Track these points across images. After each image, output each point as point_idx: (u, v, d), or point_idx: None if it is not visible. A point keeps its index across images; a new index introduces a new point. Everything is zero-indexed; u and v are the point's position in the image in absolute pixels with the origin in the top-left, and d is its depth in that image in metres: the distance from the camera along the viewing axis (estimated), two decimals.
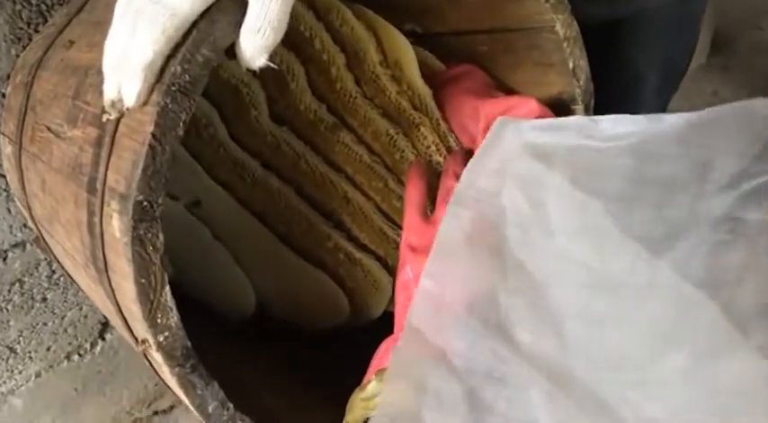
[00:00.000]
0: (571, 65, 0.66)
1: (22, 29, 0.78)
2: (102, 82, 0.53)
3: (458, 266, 0.43)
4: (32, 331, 0.94)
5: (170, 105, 0.46)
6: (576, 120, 0.47)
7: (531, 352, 0.37)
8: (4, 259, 0.88)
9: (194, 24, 0.46)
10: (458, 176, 0.61)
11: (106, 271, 0.52)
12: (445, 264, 0.44)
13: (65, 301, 0.96)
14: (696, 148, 0.38)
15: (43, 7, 0.79)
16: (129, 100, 0.47)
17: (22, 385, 0.97)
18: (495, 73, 0.74)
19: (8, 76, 0.79)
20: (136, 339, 0.54)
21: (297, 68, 0.69)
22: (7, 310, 0.90)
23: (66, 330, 0.98)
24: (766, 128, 0.37)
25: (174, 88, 0.46)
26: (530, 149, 0.43)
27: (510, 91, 0.72)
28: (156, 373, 0.57)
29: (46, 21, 0.79)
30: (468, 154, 0.68)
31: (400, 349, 0.44)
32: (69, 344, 1.00)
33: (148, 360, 0.55)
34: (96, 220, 0.51)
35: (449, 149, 0.72)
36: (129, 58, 0.46)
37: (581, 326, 0.36)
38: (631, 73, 0.86)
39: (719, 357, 0.31)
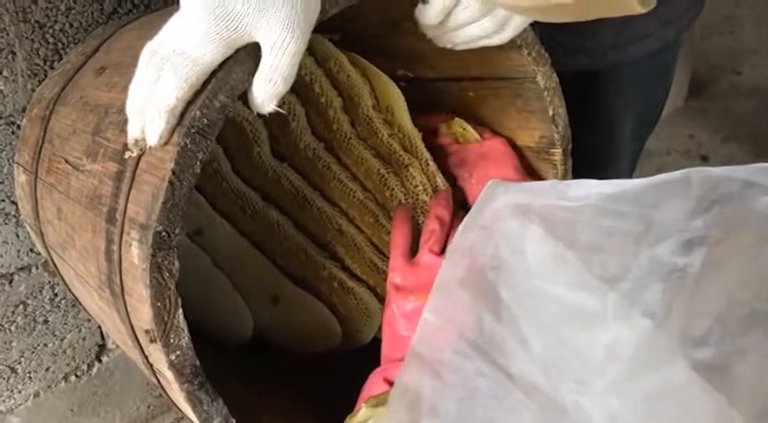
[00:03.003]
0: (551, 112, 0.72)
1: (38, 65, 0.83)
2: (122, 121, 0.58)
3: (453, 303, 0.51)
4: (33, 352, 0.98)
5: (189, 146, 0.51)
6: (552, 183, 0.55)
7: (508, 370, 0.45)
8: (10, 282, 0.92)
9: (213, 73, 0.52)
10: (439, 219, 0.68)
11: (122, 295, 0.56)
12: (443, 301, 0.52)
13: (65, 324, 1.00)
14: (647, 207, 0.46)
15: (59, 45, 0.84)
16: (152, 140, 0.52)
17: (20, 404, 1.00)
18: (482, 117, 0.79)
19: (23, 109, 0.84)
20: (146, 358, 0.58)
21: (298, 109, 0.74)
22: (10, 330, 0.94)
23: (65, 352, 1.02)
24: (698, 190, 0.45)
25: (193, 130, 0.51)
26: (514, 207, 0.52)
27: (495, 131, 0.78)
28: (163, 389, 0.61)
29: (61, 58, 0.84)
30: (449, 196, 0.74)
31: (404, 371, 0.51)
32: (67, 365, 1.03)
33: (157, 378, 0.60)
34: (115, 247, 0.56)
35: (435, 189, 0.78)
36: (153, 102, 0.51)
37: (548, 347, 0.44)
38: (608, 119, 0.92)
39: (654, 369, 0.37)
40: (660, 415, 0.38)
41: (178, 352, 0.53)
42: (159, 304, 0.52)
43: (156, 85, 0.51)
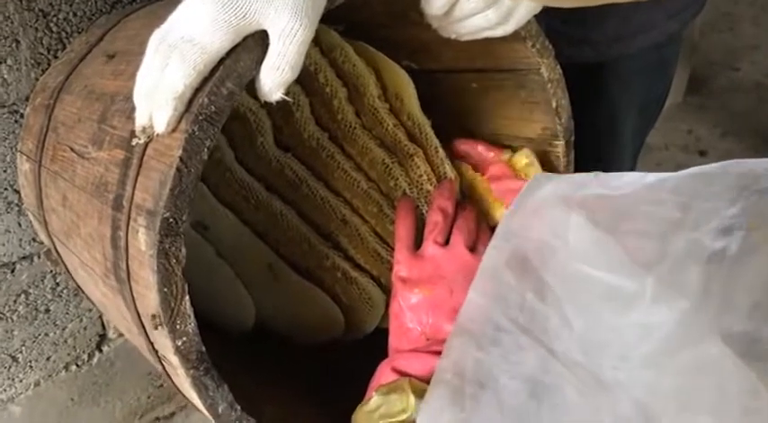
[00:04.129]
0: (554, 104, 0.72)
1: (42, 54, 0.83)
2: (129, 108, 0.58)
3: (498, 284, 0.54)
4: (34, 341, 0.98)
5: (197, 132, 0.51)
6: (594, 174, 0.57)
7: (551, 346, 0.48)
8: (12, 271, 0.92)
9: (221, 60, 0.52)
10: (442, 211, 0.69)
11: (128, 281, 0.56)
12: (488, 282, 0.55)
13: (66, 313, 1.00)
14: (685, 196, 0.49)
15: (63, 35, 0.84)
16: (160, 127, 0.52)
17: (21, 393, 1.00)
18: (484, 108, 0.80)
19: (27, 98, 0.84)
20: (152, 345, 0.59)
21: (302, 100, 0.74)
22: (12, 319, 0.94)
23: (66, 341, 1.02)
24: (736, 181, 0.47)
25: (201, 117, 0.51)
26: (557, 197, 0.55)
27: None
28: (168, 376, 0.61)
29: (64, 47, 0.84)
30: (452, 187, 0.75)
31: (450, 345, 0.54)
32: (68, 354, 1.03)
33: (162, 364, 0.60)
34: (121, 233, 0.56)
35: (441, 178, 0.78)
36: (161, 89, 0.51)
37: (588, 326, 0.47)
38: (611, 111, 0.92)
39: (689, 346, 0.41)
40: (694, 388, 0.40)
41: (184, 338, 0.53)
42: (166, 290, 0.52)
43: (165, 72, 0.51)
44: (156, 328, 0.54)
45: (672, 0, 0.81)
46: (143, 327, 0.58)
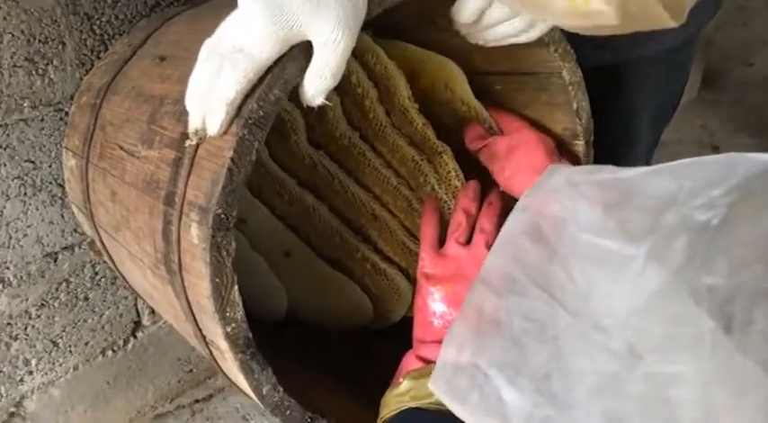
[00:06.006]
0: (575, 106, 0.76)
1: (86, 55, 0.88)
2: (178, 111, 0.62)
3: (515, 246, 0.63)
4: (74, 327, 1.03)
5: (246, 135, 0.55)
6: (605, 166, 0.64)
7: (557, 297, 0.57)
8: (55, 260, 0.97)
9: (269, 69, 0.56)
10: (466, 212, 0.74)
11: (179, 272, 0.61)
12: (507, 245, 0.64)
13: (104, 301, 1.05)
14: (681, 177, 0.55)
15: (105, 37, 0.88)
16: (213, 130, 0.56)
17: (61, 377, 1.05)
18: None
19: (71, 97, 0.88)
20: (200, 331, 0.63)
21: (334, 100, 0.78)
22: (54, 306, 0.99)
23: (103, 327, 1.07)
24: (741, 167, 0.53)
25: (250, 122, 0.55)
26: (569, 182, 0.63)
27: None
28: (215, 360, 0.66)
29: (107, 49, 0.89)
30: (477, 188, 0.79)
31: (471, 293, 0.63)
32: (105, 340, 1.08)
33: (209, 349, 0.64)
34: (173, 228, 0.60)
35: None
36: (214, 95, 0.55)
37: (588, 277, 0.56)
38: (629, 111, 0.96)
39: (670, 300, 0.50)
40: (673, 333, 0.49)
41: (233, 324, 0.58)
42: (217, 280, 0.56)
43: (217, 80, 0.55)
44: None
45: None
46: (192, 314, 0.62)
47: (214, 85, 0.56)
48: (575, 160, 0.79)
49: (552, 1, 0.46)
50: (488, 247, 0.72)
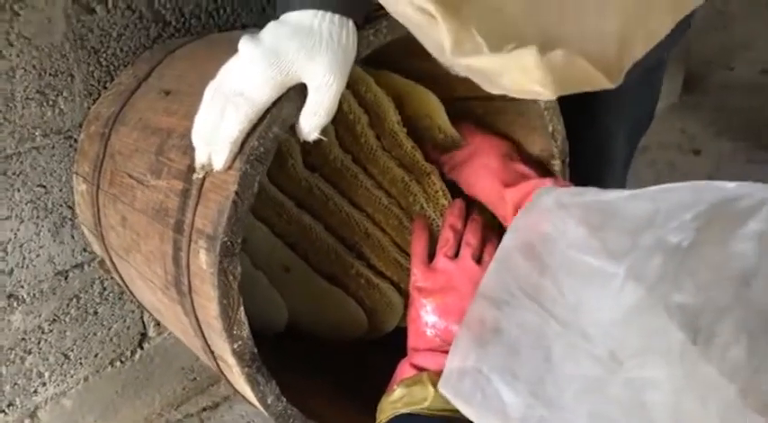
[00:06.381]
0: (550, 129, 0.82)
1: (93, 86, 0.93)
2: (185, 145, 0.68)
3: (511, 263, 0.68)
4: (84, 340, 1.09)
5: (249, 170, 0.61)
6: (590, 188, 0.71)
7: (548, 309, 0.63)
8: (66, 278, 1.02)
9: (267, 109, 0.62)
10: (453, 228, 0.79)
11: (189, 293, 0.67)
12: (503, 261, 0.69)
13: (112, 315, 1.10)
14: (658, 201, 0.61)
15: (111, 68, 0.94)
16: (218, 165, 0.62)
17: (72, 388, 1.11)
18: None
19: (80, 125, 0.94)
20: (209, 347, 0.69)
21: (328, 126, 0.83)
22: (65, 321, 1.05)
23: (111, 340, 1.12)
24: (708, 194, 0.59)
25: (252, 158, 0.61)
26: (559, 203, 0.69)
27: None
28: (222, 373, 0.71)
29: (112, 79, 0.94)
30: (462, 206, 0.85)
31: (472, 306, 0.69)
32: (113, 352, 1.14)
33: (216, 363, 0.70)
34: (183, 253, 0.66)
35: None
36: (219, 135, 0.61)
37: (575, 291, 0.62)
38: (603, 131, 1.01)
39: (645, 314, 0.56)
40: (648, 343, 0.55)
41: (240, 341, 0.64)
42: (225, 302, 0.62)
43: (221, 121, 0.61)
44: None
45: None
46: (201, 331, 0.68)
47: (218, 125, 0.61)
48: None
49: (500, 80, 0.52)
50: (474, 258, 0.78)
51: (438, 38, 0.50)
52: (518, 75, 0.50)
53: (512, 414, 0.61)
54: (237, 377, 0.66)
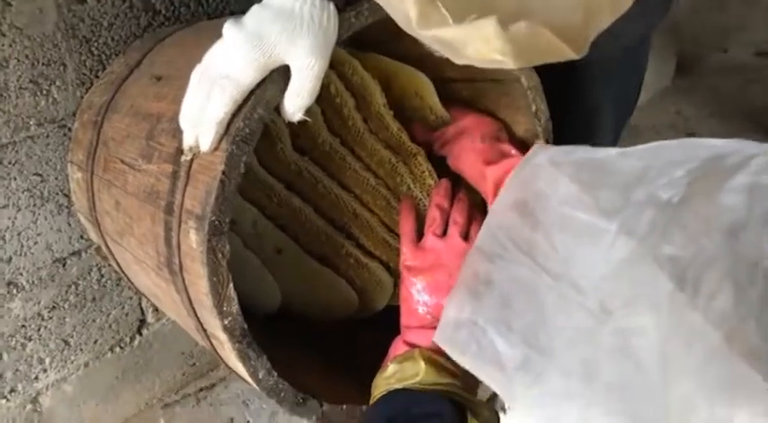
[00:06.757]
0: (534, 109, 0.83)
1: (85, 75, 0.95)
2: (174, 129, 0.70)
3: (505, 218, 0.71)
4: (83, 327, 1.11)
5: (235, 151, 0.63)
6: (581, 146, 0.72)
7: (540, 262, 0.65)
8: (64, 265, 1.04)
9: (252, 91, 0.63)
10: (439, 208, 0.81)
11: (180, 272, 0.68)
12: (498, 217, 0.71)
13: (111, 301, 1.12)
14: (649, 158, 0.63)
15: (103, 57, 0.96)
16: (205, 147, 0.64)
17: (72, 374, 1.13)
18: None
19: (73, 114, 0.95)
20: (201, 325, 0.71)
21: (315, 109, 0.85)
22: (64, 308, 1.07)
23: (110, 326, 1.14)
24: (700, 151, 0.61)
25: (238, 138, 0.63)
26: (551, 161, 0.71)
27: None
28: (215, 350, 0.73)
29: (104, 68, 0.96)
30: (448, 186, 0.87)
31: (468, 259, 0.72)
32: (113, 338, 1.16)
33: (210, 341, 0.72)
34: (173, 234, 0.68)
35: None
36: (205, 117, 0.63)
37: (567, 246, 0.64)
38: (590, 106, 1.02)
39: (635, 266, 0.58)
40: (637, 294, 0.57)
41: (230, 317, 0.65)
42: (215, 279, 0.64)
43: (208, 103, 0.63)
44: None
45: (638, 6, 0.90)
46: (194, 310, 0.70)
47: (205, 107, 0.63)
48: None
49: (465, 51, 0.53)
50: (462, 236, 0.80)
51: (405, 10, 0.51)
52: (480, 44, 0.51)
53: (507, 364, 0.63)
54: (229, 353, 0.68)
